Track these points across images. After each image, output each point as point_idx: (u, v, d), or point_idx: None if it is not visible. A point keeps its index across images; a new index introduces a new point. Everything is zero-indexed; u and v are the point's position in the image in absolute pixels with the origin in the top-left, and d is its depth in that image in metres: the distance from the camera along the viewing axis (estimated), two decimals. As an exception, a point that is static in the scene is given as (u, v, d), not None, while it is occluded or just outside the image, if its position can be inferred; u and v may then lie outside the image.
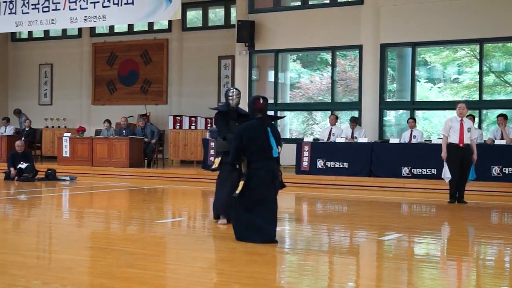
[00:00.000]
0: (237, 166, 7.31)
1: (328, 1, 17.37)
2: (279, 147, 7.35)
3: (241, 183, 7.00)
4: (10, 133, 18.81)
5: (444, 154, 11.08)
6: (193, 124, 18.84)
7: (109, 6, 16.24)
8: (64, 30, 21.91)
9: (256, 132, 6.97)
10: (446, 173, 11.05)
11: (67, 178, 15.01)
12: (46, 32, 22.31)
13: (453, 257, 6.72)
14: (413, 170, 13.77)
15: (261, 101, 7.06)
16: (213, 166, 8.41)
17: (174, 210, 10.75)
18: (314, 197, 12.62)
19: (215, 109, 8.72)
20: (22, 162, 14.76)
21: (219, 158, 8.23)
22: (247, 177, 6.97)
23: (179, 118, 19.23)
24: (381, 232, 7.90)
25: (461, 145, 10.98)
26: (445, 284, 5.46)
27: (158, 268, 5.73)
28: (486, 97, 16.05)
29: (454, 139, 11.00)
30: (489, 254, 6.96)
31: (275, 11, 17.71)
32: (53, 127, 21.50)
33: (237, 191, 7.00)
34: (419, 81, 18.08)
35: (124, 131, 17.49)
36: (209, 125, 18.60)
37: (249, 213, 6.98)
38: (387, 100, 16.75)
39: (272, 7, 17.85)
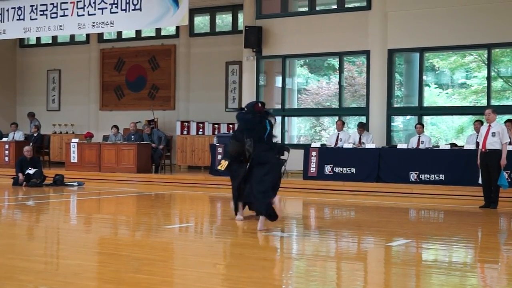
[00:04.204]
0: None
1: (336, 7, 17.37)
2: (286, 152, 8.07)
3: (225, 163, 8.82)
4: (19, 139, 18.88)
5: (478, 160, 11.40)
6: (201, 130, 18.86)
7: (116, 12, 16.30)
8: (72, 36, 22.01)
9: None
10: (480, 178, 11.45)
11: (75, 183, 15.05)
12: (54, 38, 22.42)
13: (462, 263, 6.69)
14: (421, 176, 13.73)
15: (260, 105, 8.39)
16: (220, 168, 9.12)
17: (181, 216, 10.76)
18: (321, 202, 12.59)
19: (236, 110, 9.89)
20: (30, 168, 14.80)
21: (227, 162, 8.88)
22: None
23: (186, 123, 19.24)
24: (388, 238, 7.88)
25: (483, 150, 11.22)
26: (454, 290, 5.44)
27: (166, 274, 5.73)
28: (494, 102, 15.99)
29: (480, 145, 11.39)
30: (499, 260, 6.92)
31: (282, 16, 17.73)
32: (61, 132, 21.56)
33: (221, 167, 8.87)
34: (429, 86, 18.04)
35: (132, 136, 17.53)
36: (216, 130, 18.62)
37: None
38: (395, 105, 16.72)
39: (280, 12, 17.87)
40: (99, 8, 16.51)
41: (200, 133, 18.86)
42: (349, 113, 18.15)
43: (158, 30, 20.72)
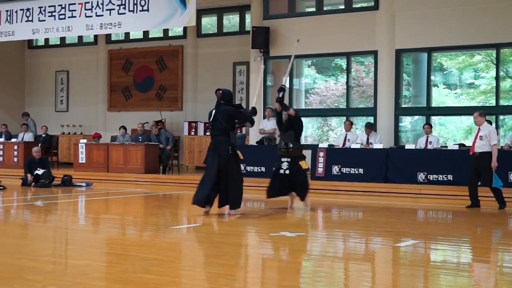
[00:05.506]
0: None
1: (343, 7, 17.35)
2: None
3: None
4: (29, 140, 18.95)
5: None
6: (208, 130, 18.84)
7: (124, 13, 16.33)
8: (80, 37, 22.08)
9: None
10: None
11: (83, 184, 15.09)
12: (62, 39, 22.50)
13: (470, 264, 6.67)
14: (429, 176, 13.68)
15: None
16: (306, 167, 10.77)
17: (189, 216, 10.77)
18: (329, 203, 12.57)
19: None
20: (39, 168, 14.85)
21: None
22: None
23: (194, 124, 19.27)
24: (396, 238, 7.86)
25: (471, 153, 11.31)
26: (462, 290, 5.42)
27: (174, 274, 5.74)
28: (503, 102, 15.93)
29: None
30: (506, 261, 6.90)
31: (289, 17, 17.72)
32: (69, 133, 21.64)
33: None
34: (437, 86, 17.97)
35: (140, 137, 17.57)
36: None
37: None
38: (403, 105, 16.68)
39: (287, 13, 17.87)
40: (107, 9, 16.55)
41: (207, 133, 18.86)
42: (357, 114, 18.12)
43: (165, 31, 20.76)
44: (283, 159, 10.53)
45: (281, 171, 10.49)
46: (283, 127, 10.74)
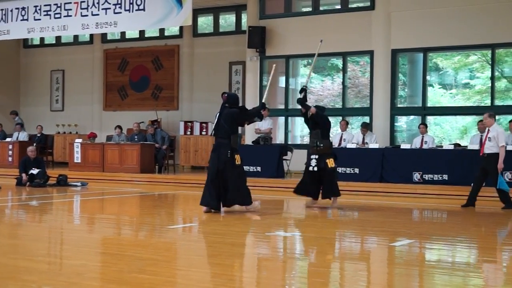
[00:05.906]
0: None
1: (339, 7, 17.36)
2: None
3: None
4: (23, 139, 18.90)
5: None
6: (204, 130, 18.87)
7: (120, 13, 16.31)
8: (75, 37, 22.04)
9: None
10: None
11: (78, 183, 15.06)
12: (58, 38, 22.45)
13: (465, 263, 6.68)
14: (425, 176, 13.71)
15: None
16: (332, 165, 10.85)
17: (184, 216, 10.77)
18: (324, 202, 12.55)
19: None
20: (33, 168, 14.82)
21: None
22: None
23: (190, 123, 19.25)
24: (392, 238, 7.87)
25: (480, 154, 11.33)
26: (457, 290, 5.43)
27: (169, 274, 5.73)
28: (498, 102, 15.97)
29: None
30: (502, 260, 6.91)
31: (286, 16, 17.73)
32: (64, 133, 21.60)
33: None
34: (433, 86, 18.00)
35: (136, 137, 17.55)
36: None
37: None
38: (398, 105, 16.71)
39: (283, 12, 17.88)
40: (102, 9, 16.52)
41: (203, 133, 18.87)
42: (353, 113, 18.13)
43: (161, 31, 20.74)
44: (312, 156, 10.88)
45: (310, 168, 10.83)
46: (309, 126, 11.24)
